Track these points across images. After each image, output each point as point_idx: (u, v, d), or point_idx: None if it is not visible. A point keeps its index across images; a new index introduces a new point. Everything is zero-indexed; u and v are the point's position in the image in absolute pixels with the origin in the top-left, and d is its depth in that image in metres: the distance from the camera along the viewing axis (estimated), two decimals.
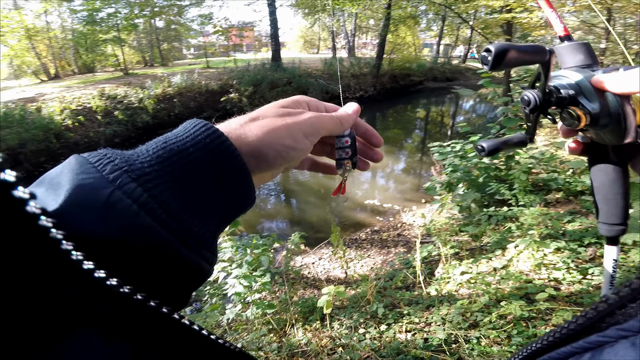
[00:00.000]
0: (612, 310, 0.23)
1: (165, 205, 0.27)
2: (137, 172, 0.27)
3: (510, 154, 4.08)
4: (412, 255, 3.69)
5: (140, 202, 0.25)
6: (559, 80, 0.46)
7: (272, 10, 16.38)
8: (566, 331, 0.27)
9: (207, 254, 0.30)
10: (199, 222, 0.29)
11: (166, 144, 0.30)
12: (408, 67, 20.17)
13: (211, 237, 0.31)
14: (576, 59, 0.48)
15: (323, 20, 24.19)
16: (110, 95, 11.03)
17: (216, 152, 0.30)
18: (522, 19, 7.89)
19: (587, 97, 0.43)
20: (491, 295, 2.13)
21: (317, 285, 3.65)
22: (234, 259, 2.58)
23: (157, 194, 0.27)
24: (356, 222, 5.61)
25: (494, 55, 0.39)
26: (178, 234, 0.27)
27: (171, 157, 0.29)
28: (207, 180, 0.30)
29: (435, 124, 14.90)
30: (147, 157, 0.28)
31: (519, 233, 3.08)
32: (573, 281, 2.31)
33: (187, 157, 0.29)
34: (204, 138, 0.30)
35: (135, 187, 0.26)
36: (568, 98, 0.44)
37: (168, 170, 0.28)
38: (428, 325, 2.08)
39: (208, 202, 0.30)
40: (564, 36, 0.51)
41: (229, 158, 0.31)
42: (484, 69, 0.42)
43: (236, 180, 0.31)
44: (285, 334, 2.31)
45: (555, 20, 0.52)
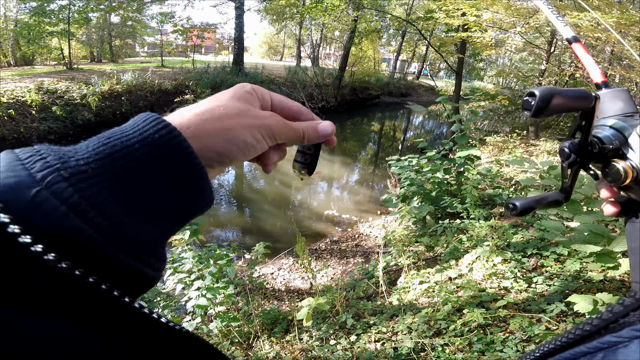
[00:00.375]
0: (627, 312, 0.24)
1: (100, 207, 0.25)
2: (70, 170, 0.24)
3: (461, 170, 4.37)
4: (372, 266, 3.80)
5: (70, 203, 0.23)
6: (600, 130, 0.42)
7: (239, 13, 16.19)
8: (580, 332, 0.27)
9: (150, 260, 0.28)
10: (142, 225, 0.27)
11: (109, 139, 0.27)
12: (367, 81, 20.82)
13: (157, 241, 0.29)
14: (618, 107, 0.45)
15: (290, 28, 24.28)
16: (50, 89, 10.19)
17: (166, 148, 0.28)
18: (476, 38, 8.39)
19: (633, 149, 0.39)
20: (453, 304, 2.26)
21: (277, 297, 3.63)
22: (193, 270, 2.49)
23: (91, 194, 0.24)
24: (315, 232, 5.65)
25: (538, 100, 0.37)
26: (114, 238, 0.25)
27: (113, 153, 0.26)
28: (155, 179, 0.27)
29: (388, 137, 15.51)
30: (86, 153, 0.26)
31: (469, 245, 3.31)
32: (520, 289, 2.51)
33: (132, 153, 0.27)
34: (153, 133, 0.28)
35: (65, 186, 0.24)
36: (612, 150, 0.41)
37: (108, 168, 0.26)
38: (395, 335, 2.16)
39: (155, 203, 0.28)
40: (602, 83, 0.48)
41: (180, 155, 0.29)
42: (525, 114, 0.40)
43: (189, 178, 0.29)
44: (251, 347, 2.27)
45: (592, 66, 0.49)
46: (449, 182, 4.47)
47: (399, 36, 25.23)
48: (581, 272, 2.52)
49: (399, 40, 25.91)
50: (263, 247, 2.94)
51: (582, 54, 0.50)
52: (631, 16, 6.72)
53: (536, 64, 12.81)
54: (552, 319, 2.08)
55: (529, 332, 1.99)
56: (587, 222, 1.84)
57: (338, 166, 9.96)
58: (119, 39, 20.08)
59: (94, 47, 19.06)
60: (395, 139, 15.36)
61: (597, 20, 6.16)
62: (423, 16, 12.30)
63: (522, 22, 7.90)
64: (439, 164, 4.31)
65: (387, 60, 31.46)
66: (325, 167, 9.81)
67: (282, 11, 19.59)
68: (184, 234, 2.46)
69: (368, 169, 10.26)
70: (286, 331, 2.54)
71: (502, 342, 1.97)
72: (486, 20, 8.03)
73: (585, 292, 2.31)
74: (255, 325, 2.44)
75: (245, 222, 6.34)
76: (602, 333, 0.25)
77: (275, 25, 24.06)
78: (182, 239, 2.47)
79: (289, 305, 3.24)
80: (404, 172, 4.36)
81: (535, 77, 11.33)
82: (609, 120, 0.42)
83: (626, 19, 6.45)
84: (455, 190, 4.44)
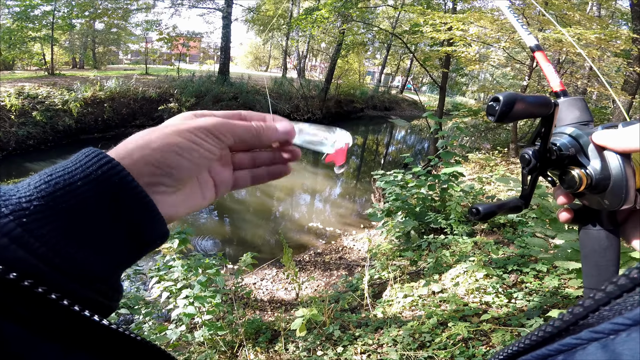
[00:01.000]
0: (587, 314, 0.24)
1: (44, 239, 0.25)
2: (11, 207, 0.25)
3: (445, 187, 4.47)
4: (355, 278, 3.82)
5: (12, 235, 0.24)
6: (558, 137, 0.44)
7: (226, 23, 16.24)
8: (543, 334, 0.27)
9: (102, 288, 0.28)
10: (92, 256, 0.27)
11: (51, 177, 0.27)
12: (352, 94, 21.05)
13: (109, 272, 0.29)
14: (574, 115, 0.46)
15: (277, 38, 24.45)
16: (30, 94, 9.95)
17: (110, 183, 0.28)
18: (460, 52, 8.52)
19: (588, 156, 0.41)
20: (438, 317, 2.30)
21: (260, 307, 3.60)
22: (180, 278, 2.47)
23: (34, 228, 0.25)
24: (299, 243, 5.65)
25: (502, 105, 0.37)
26: (61, 266, 0.25)
27: (55, 191, 0.26)
28: (100, 214, 0.28)
29: (371, 151, 15.70)
30: (27, 191, 0.26)
31: (452, 260, 3.38)
32: (501, 304, 2.58)
33: (75, 190, 0.27)
34: (96, 170, 0.28)
35: (7, 221, 0.24)
36: (569, 157, 0.42)
37: (51, 204, 0.26)
38: (380, 347, 2.18)
39: (102, 236, 0.28)
40: (560, 91, 0.50)
41: (125, 189, 0.29)
42: (489, 120, 0.39)
43: (137, 211, 0.29)
44: (236, 356, 2.25)
45: (551, 74, 0.51)
46: (433, 198, 4.56)
47: (384, 49, 25.58)
48: (559, 288, 2.60)
49: (384, 53, 26.27)
50: (250, 257, 2.93)
51: (544, 62, 0.52)
52: (611, 32, 6.98)
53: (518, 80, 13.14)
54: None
55: None
56: (570, 240, 1.92)
57: (321, 179, 10.01)
58: (103, 46, 19.86)
59: (77, 53, 18.77)
60: (378, 153, 15.56)
61: (578, 35, 6.35)
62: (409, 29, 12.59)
63: (506, 36, 8.10)
64: (423, 179, 4.40)
65: (371, 74, 31.90)
66: (308, 179, 9.85)
67: (270, 22, 19.80)
68: (172, 243, 2.45)
69: (351, 182, 10.35)
70: (270, 341, 2.53)
71: (482, 356, 2.00)
72: (472, 34, 8.22)
73: (563, 307, 2.37)
74: (240, 334, 2.42)
75: (227, 232, 6.28)
76: (563, 335, 0.25)
77: (262, 35, 24.27)
78: (170, 247, 2.45)
79: (272, 316, 3.22)
80: (389, 187, 4.42)
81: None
82: (567, 128, 0.44)
83: (607, 34, 6.69)
84: (439, 206, 4.53)
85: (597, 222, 0.43)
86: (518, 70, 11.81)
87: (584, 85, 9.73)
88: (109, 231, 0.28)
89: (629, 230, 0.44)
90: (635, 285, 0.21)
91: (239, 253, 3.03)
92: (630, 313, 0.20)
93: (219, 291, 2.55)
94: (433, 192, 4.51)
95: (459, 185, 4.47)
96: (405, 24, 19.82)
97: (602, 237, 0.43)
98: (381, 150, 16.21)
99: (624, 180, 0.38)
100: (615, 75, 9.11)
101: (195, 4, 17.98)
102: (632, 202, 0.39)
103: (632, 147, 0.37)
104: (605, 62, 8.32)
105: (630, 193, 0.38)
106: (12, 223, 0.24)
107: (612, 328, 0.21)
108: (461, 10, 9.94)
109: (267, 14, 19.78)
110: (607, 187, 0.39)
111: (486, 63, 10.99)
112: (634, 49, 7.26)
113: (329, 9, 10.56)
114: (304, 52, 22.12)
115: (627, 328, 0.20)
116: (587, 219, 0.44)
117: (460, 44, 8.31)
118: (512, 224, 4.13)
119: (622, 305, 0.22)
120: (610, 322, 0.21)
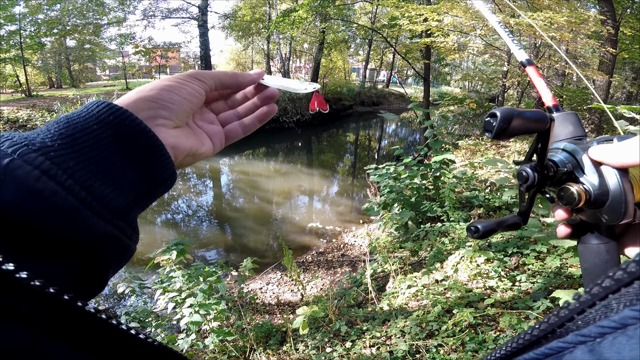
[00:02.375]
0: (572, 316, 0.23)
1: (70, 172, 0.27)
2: (38, 145, 0.27)
3: (437, 175, 4.52)
4: (359, 274, 3.85)
5: (42, 168, 0.25)
6: (554, 153, 0.43)
7: (203, 31, 16.14)
8: (529, 337, 0.27)
9: (122, 225, 0.30)
10: (111, 192, 0.29)
11: (68, 123, 0.30)
12: (339, 92, 21.08)
13: (127, 208, 0.31)
14: (569, 130, 0.46)
15: (257, 43, 24.33)
16: (10, 118, 9.80)
17: (120, 126, 0.31)
18: (439, 43, 8.68)
19: (585, 171, 0.40)
20: (443, 305, 2.33)
21: (268, 310, 3.61)
22: (183, 288, 2.49)
23: (60, 162, 0.27)
24: (301, 245, 5.67)
25: (499, 121, 0.37)
26: (85, 200, 0.27)
27: (74, 134, 0.29)
28: (117, 155, 0.30)
29: (364, 147, 15.76)
30: (49, 134, 0.28)
31: (452, 247, 3.41)
32: (505, 288, 2.59)
33: (91, 132, 0.30)
34: (108, 115, 0.31)
35: (36, 156, 0.26)
36: (566, 173, 0.41)
37: (72, 144, 0.28)
38: (389, 339, 2.20)
39: (119, 174, 0.30)
40: (553, 106, 0.50)
41: (136, 131, 0.32)
42: (485, 136, 0.39)
43: (147, 150, 0.32)
44: None
45: (543, 89, 0.51)
46: (427, 187, 4.60)
47: (366, 45, 25.64)
48: (562, 268, 2.61)
49: (366, 49, 26.35)
50: (251, 262, 2.94)
51: (535, 77, 0.52)
52: (580, 15, 7.13)
53: (498, 66, 13.31)
54: (540, 315, 2.13)
55: (518, 329, 2.03)
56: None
57: (317, 179, 10.03)
58: (78, 63, 19.57)
59: (52, 72, 18.50)
60: (370, 148, 15.63)
61: (549, 19, 6.49)
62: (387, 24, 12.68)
63: (481, 24, 8.25)
64: (415, 170, 4.44)
65: (356, 70, 31.96)
66: (305, 180, 9.87)
67: (248, 27, 19.71)
68: (170, 254, 2.46)
69: (347, 179, 10.39)
70: (281, 343, 2.55)
71: (493, 341, 2.02)
72: (447, 24, 8.33)
73: (567, 287, 2.37)
74: (250, 339, 2.44)
75: (228, 240, 6.27)
76: (550, 338, 0.25)
77: (242, 41, 24.12)
78: (169, 259, 2.46)
79: (281, 318, 3.23)
80: (383, 180, 4.45)
81: (498, 78, 11.84)
82: (562, 144, 0.43)
83: (576, 17, 6.82)
84: (434, 195, 4.57)
85: (597, 236, 0.43)
86: (498, 57, 11.98)
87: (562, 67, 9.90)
88: (125, 169, 0.31)
89: (627, 242, 0.44)
90: (620, 286, 0.20)
91: (242, 260, 3.04)
92: (616, 315, 0.19)
93: (224, 298, 2.56)
94: (426, 181, 4.55)
95: (450, 172, 4.52)
96: (384, 18, 19.91)
97: (602, 251, 0.43)
98: (374, 145, 16.29)
99: (623, 195, 0.38)
100: (590, 57, 9.32)
101: (168, 14, 17.79)
102: (631, 217, 0.38)
103: (628, 162, 0.36)
104: (579, 44, 8.49)
105: (629, 208, 0.38)
106: (41, 157, 0.26)
107: (599, 331, 0.20)
108: (435, 2, 10.06)
109: (245, 19, 19.68)
110: (606, 202, 0.39)
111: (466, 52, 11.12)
112: (604, 30, 7.46)
113: (306, 9, 10.58)
114: (287, 54, 22.10)
115: (614, 331, 0.19)
116: (586, 233, 0.44)
117: (438, 34, 8.43)
118: (507, 205, 4.16)
119: (609, 307, 0.21)
120: (596, 325, 0.20)
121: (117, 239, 0.30)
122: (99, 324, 0.25)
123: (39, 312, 0.22)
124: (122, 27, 17.51)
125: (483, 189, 4.78)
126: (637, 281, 0.19)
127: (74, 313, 0.24)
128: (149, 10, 17.38)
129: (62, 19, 15.57)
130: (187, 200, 8.19)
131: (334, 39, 18.03)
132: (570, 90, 10.44)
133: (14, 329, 0.21)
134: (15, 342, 0.21)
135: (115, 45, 18.05)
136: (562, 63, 9.41)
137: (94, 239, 0.28)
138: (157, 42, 17.62)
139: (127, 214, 0.31)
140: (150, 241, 5.78)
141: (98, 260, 0.29)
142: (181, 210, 7.71)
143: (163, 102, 0.37)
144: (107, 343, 0.26)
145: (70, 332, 0.24)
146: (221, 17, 19.64)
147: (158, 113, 0.36)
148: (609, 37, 7.75)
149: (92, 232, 0.27)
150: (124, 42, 17.27)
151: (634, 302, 0.19)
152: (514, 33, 6.73)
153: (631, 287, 0.20)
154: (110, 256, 0.30)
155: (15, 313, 0.21)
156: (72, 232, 0.26)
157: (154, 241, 5.79)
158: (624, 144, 0.37)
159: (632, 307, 0.19)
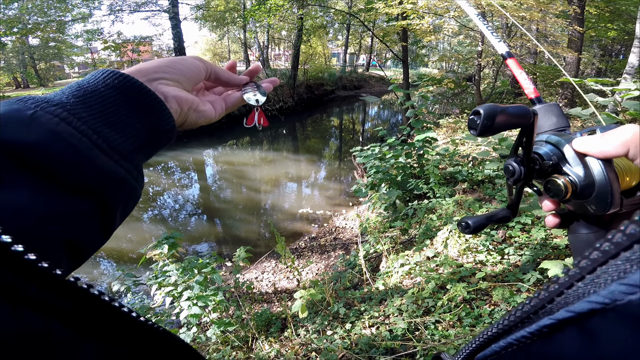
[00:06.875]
0: (562, 291, 0.23)
1: (84, 120, 0.32)
2: (55, 101, 0.32)
3: (421, 153, 4.59)
4: (352, 256, 3.92)
5: (61, 116, 0.31)
6: (538, 146, 0.44)
7: (175, 23, 15.64)
8: (520, 314, 0.26)
9: (129, 167, 0.35)
10: (118, 137, 0.34)
11: (80, 87, 0.35)
12: (321, 77, 20.99)
13: (132, 152, 0.36)
14: (552, 122, 0.46)
15: (233, 32, 23.78)
16: None
17: (125, 87, 0.37)
18: (415, 25, 8.78)
19: (570, 163, 0.41)
20: (436, 281, 2.40)
21: (266, 299, 3.65)
22: (178, 282, 2.49)
23: (75, 112, 0.32)
24: (293, 231, 5.70)
25: (483, 118, 0.38)
26: (97, 141, 0.32)
27: (85, 95, 0.35)
28: (122, 109, 0.36)
29: (349, 131, 15.79)
30: (64, 95, 0.34)
31: (440, 223, 3.49)
32: (495, 262, 2.65)
33: (100, 94, 0.35)
34: (113, 80, 0.37)
35: (55, 108, 0.31)
36: (552, 166, 0.42)
37: (84, 101, 0.34)
38: (387, 318, 2.26)
39: (125, 124, 0.36)
40: (535, 98, 0.50)
41: (138, 90, 0.37)
42: (470, 134, 0.40)
43: (148, 106, 0.38)
44: (251, 349, 2.30)
45: (525, 81, 0.51)
46: (412, 166, 4.68)
47: (344, 30, 25.60)
48: (547, 239, 2.67)
49: (345, 34, 26.30)
50: (244, 251, 2.96)
51: (516, 69, 0.53)
52: None
53: (473, 46, 13.45)
54: (531, 287, 2.19)
55: (512, 302, 2.09)
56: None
57: (304, 165, 10.03)
58: (44, 62, 18.91)
59: (17, 72, 17.82)
60: (355, 131, 15.67)
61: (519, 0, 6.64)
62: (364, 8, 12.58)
63: (454, 6, 8.36)
64: (399, 149, 4.50)
65: (336, 55, 31.82)
66: (292, 167, 9.85)
67: (222, 17, 19.22)
68: (162, 248, 2.45)
69: (334, 163, 10.42)
70: (282, 330, 2.59)
71: (489, 315, 2.07)
72: (422, 7, 8.40)
73: (554, 258, 2.42)
74: (251, 328, 2.48)
75: (219, 232, 6.26)
76: (541, 315, 0.25)
77: (217, 31, 23.55)
78: (161, 253, 2.46)
79: (280, 305, 3.28)
80: (369, 161, 4.51)
81: (474, 58, 11.96)
82: (546, 136, 0.44)
83: None
84: (419, 172, 4.65)
85: (586, 226, 0.43)
86: (472, 38, 12.10)
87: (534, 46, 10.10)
88: (129, 120, 0.36)
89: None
90: (607, 258, 0.20)
91: (234, 251, 3.05)
92: (604, 290, 0.19)
93: (220, 289, 2.58)
94: (411, 160, 4.63)
95: (433, 149, 4.60)
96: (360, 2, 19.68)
97: (592, 241, 0.43)
98: (358, 128, 16.33)
99: (608, 185, 0.38)
100: (560, 35, 9.60)
101: (137, 8, 17.11)
102: (618, 206, 0.39)
103: (612, 153, 0.37)
104: (549, 23, 8.73)
105: (615, 197, 0.38)
106: (59, 109, 0.31)
107: (589, 307, 0.20)
108: None
109: (218, 9, 19.14)
110: (592, 193, 0.39)
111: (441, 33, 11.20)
112: (570, 10, 7.70)
113: None
114: (265, 42, 21.68)
115: (603, 307, 0.19)
116: (572, 222, 0.45)
117: (413, 17, 8.53)
118: (489, 179, 4.26)
119: (598, 281, 0.21)
120: (585, 300, 0.20)
121: (125, 178, 0.35)
122: (103, 306, 0.26)
123: (47, 295, 0.23)
124: (89, 23, 16.79)
125: (466, 164, 4.88)
126: (636, 244, 0.19)
127: (80, 295, 0.24)
128: (115, 4, 16.69)
129: (22, 17, 14.81)
130: (173, 194, 8.10)
131: (313, 25, 17.76)
132: (542, 68, 10.76)
133: (25, 314, 0.22)
134: (26, 326, 0.21)
135: (83, 42, 17.35)
136: (534, 42, 9.61)
137: (104, 177, 0.32)
138: (127, 37, 16.94)
139: (133, 158, 0.36)
140: (140, 239, 5.72)
141: (107, 201, 0.33)
142: (168, 205, 7.62)
143: (165, 68, 0.43)
144: (114, 328, 0.27)
145: (78, 317, 0.25)
146: (193, 8, 19.05)
147: (160, 75, 0.42)
148: (575, 16, 8.04)
149: (102, 171, 0.32)
150: (91, 39, 16.56)
151: (621, 275, 0.19)
152: (486, 15, 6.81)
153: (630, 251, 0.19)
154: (118, 195, 0.34)
155: (25, 296, 0.22)
156: (85, 170, 0.31)
157: (143, 238, 5.73)
158: (606, 135, 0.37)
159: (620, 281, 0.18)
